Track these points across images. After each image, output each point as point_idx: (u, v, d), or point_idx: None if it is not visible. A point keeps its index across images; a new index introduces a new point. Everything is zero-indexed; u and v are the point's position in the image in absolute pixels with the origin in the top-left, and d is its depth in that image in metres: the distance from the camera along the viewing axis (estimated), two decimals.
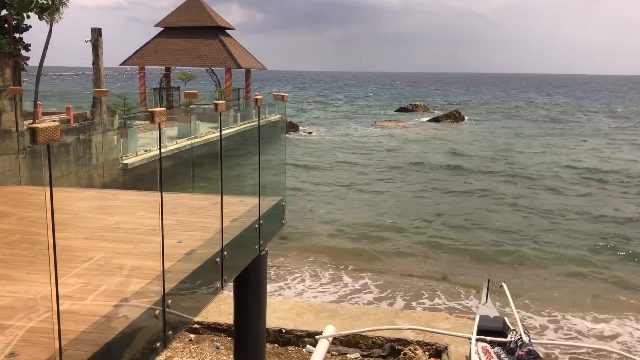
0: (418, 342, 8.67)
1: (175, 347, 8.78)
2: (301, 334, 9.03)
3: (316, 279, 13.85)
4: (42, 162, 9.93)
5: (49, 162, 2.76)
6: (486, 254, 15.86)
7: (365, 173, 28.92)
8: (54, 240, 2.84)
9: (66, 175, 18.09)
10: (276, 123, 39.44)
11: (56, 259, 2.89)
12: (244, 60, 39.61)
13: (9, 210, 6.48)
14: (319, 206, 21.44)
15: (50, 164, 2.77)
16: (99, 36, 19.25)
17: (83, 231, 5.74)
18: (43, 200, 7.28)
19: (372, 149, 37.43)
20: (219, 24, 40.03)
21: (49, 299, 3.90)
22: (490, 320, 6.99)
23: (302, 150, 36.17)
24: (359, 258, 15.40)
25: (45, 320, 3.59)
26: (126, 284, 4.31)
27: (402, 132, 48.84)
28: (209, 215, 6.14)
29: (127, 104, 24.39)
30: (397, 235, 17.55)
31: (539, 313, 11.70)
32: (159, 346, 3.99)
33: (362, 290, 13.12)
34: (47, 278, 4.29)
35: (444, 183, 26.19)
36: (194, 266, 4.68)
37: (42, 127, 2.61)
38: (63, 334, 3.39)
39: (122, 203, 7.15)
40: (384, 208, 21.16)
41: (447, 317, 9.59)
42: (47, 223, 2.78)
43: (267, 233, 6.37)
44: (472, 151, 36.35)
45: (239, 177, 7.36)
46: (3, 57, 14.24)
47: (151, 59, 39.02)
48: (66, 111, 26.45)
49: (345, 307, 10.12)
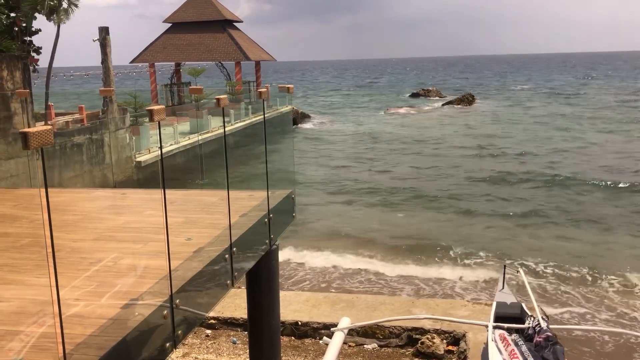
0: (435, 330, 8.60)
1: (192, 343, 8.80)
2: (317, 326, 9.00)
3: (333, 268, 13.81)
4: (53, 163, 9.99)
5: (43, 165, 2.71)
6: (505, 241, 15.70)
7: (378, 159, 28.77)
8: (52, 243, 2.80)
9: (80, 175, 18.19)
10: (287, 114, 39.41)
11: (55, 263, 2.85)
12: (253, 53, 39.49)
13: (19, 214, 6.49)
14: (335, 197, 21.35)
15: (45, 167, 2.72)
16: (107, 35, 19.26)
17: (92, 232, 5.72)
18: (55, 202, 7.31)
19: (385, 135, 37.23)
20: (227, 17, 39.91)
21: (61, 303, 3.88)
22: (507, 307, 6.88)
23: (315, 140, 36.07)
24: (376, 246, 15.32)
25: (53, 325, 3.57)
26: (135, 284, 4.28)
27: (416, 117, 48.53)
28: (218, 212, 6.09)
29: (138, 102, 24.41)
30: (412, 221, 17.45)
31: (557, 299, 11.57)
32: (169, 346, 3.95)
33: (378, 278, 13.05)
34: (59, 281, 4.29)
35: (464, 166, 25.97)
36: (203, 264, 4.64)
37: (34, 131, 2.56)
38: (70, 338, 3.37)
39: (132, 202, 7.13)
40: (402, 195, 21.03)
41: (464, 304, 9.49)
42: (44, 226, 2.74)
43: (278, 227, 6.31)
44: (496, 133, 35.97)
45: (252, 170, 7.31)
46: (12, 60, 14.31)
47: (161, 56, 39.06)
48: (79, 111, 26.60)
49: (362, 298, 10.05)
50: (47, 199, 2.72)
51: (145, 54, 39.29)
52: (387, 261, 14.08)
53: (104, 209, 6.93)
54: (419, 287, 12.46)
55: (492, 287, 11.34)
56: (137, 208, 6.72)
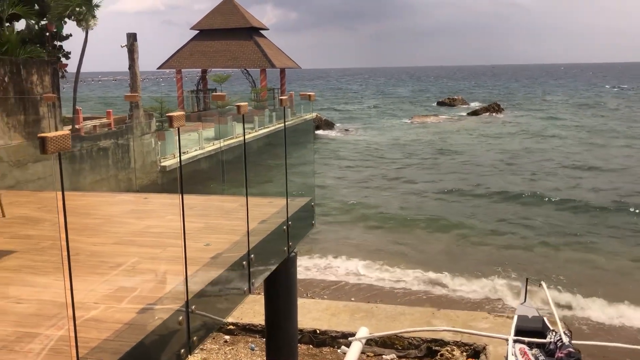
0: (455, 342, 8.48)
1: (210, 348, 8.81)
2: (336, 334, 8.94)
3: (353, 277, 13.75)
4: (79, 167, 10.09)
5: (60, 170, 2.73)
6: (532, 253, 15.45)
7: (403, 167, 28.61)
8: (67, 246, 2.82)
9: (106, 178, 18.43)
10: (309, 122, 39.46)
11: (70, 266, 2.86)
12: (279, 60, 39.71)
13: (43, 216, 6.57)
14: (358, 202, 21.29)
15: (62, 172, 2.74)
16: (134, 41, 19.54)
17: (113, 236, 5.77)
18: (77, 206, 7.38)
19: (410, 144, 37.02)
20: (253, 24, 40.22)
21: (77, 306, 3.90)
22: (529, 320, 6.76)
23: (338, 148, 36.04)
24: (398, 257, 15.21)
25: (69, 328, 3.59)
26: (151, 289, 4.29)
27: (441, 126, 48.19)
28: (237, 218, 6.10)
29: (164, 107, 24.72)
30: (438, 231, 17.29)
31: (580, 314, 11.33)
32: (184, 352, 3.94)
33: (399, 288, 12.94)
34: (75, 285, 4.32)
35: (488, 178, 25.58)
36: (221, 270, 4.63)
37: (52, 136, 2.58)
38: (85, 341, 3.38)
39: (153, 207, 7.19)
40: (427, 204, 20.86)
41: (485, 317, 9.35)
42: (59, 229, 2.75)
43: (296, 234, 6.29)
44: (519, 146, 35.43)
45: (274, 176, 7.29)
46: (42, 65, 14.57)
47: (187, 62, 39.50)
48: (106, 115, 27.01)
49: (381, 307, 9.97)
50: (64, 202, 2.74)
51: (173, 60, 39.77)
52: (408, 272, 13.94)
53: (126, 213, 7.00)
54: (439, 298, 12.32)
55: (514, 300, 11.16)
56: (159, 212, 6.76)
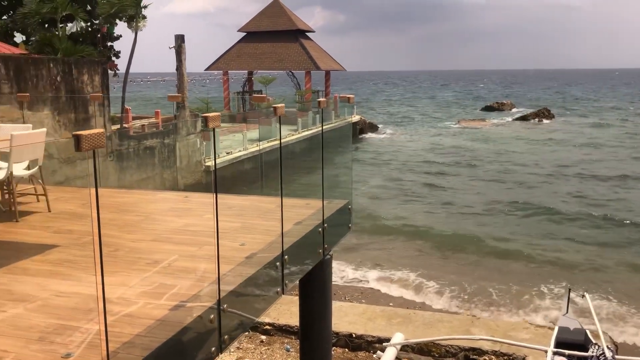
0: (494, 352, 8.29)
1: (246, 347, 8.88)
2: (372, 339, 8.87)
3: (390, 280, 13.63)
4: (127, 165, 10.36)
5: (95, 168, 2.79)
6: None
7: (446, 174, 28.23)
8: (100, 242, 2.88)
9: (152, 177, 18.84)
10: (348, 125, 39.40)
11: (102, 262, 2.93)
12: (324, 62, 39.83)
13: (86, 212, 6.75)
14: (403, 209, 21.07)
15: (96, 169, 2.80)
16: (182, 42, 19.92)
17: (151, 233, 5.88)
18: (120, 202, 7.55)
19: (455, 150, 36.47)
20: (300, 27, 40.49)
21: (111, 301, 4.00)
22: (570, 332, 6.54)
23: (382, 152, 35.83)
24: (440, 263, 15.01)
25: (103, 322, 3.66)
26: (185, 287, 4.34)
27: (488, 131, 47.34)
28: (273, 218, 6.12)
29: (210, 108, 25.13)
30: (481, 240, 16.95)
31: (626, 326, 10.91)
32: (215, 351, 3.98)
33: (438, 295, 12.75)
34: (112, 280, 4.42)
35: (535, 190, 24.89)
36: (254, 270, 4.66)
37: (87, 134, 2.64)
38: (118, 336, 3.45)
39: (193, 205, 7.29)
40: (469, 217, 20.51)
41: (526, 327, 9.11)
42: (92, 225, 2.81)
43: (332, 237, 6.27)
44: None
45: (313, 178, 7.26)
46: (93, 65, 15.02)
47: (234, 64, 40.06)
48: (155, 115, 27.66)
49: (419, 314, 9.84)
50: (97, 198, 2.80)
51: (220, 61, 40.40)
52: (449, 278, 13.74)
53: (166, 210, 7.12)
54: (479, 306, 12.08)
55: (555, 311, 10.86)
56: (198, 211, 6.85)
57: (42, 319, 3.77)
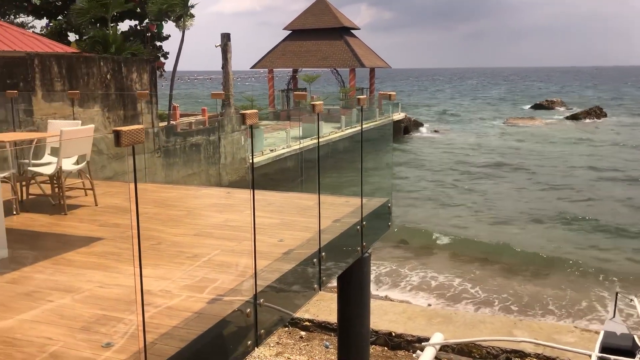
0: (537, 355, 8.12)
1: (285, 343, 8.95)
2: (411, 338, 8.81)
3: (432, 280, 13.49)
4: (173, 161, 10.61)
5: (134, 163, 2.87)
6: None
7: (493, 176, 27.73)
8: (138, 236, 2.96)
9: (197, 173, 19.19)
10: (399, 122, 39.09)
11: (140, 255, 3.01)
12: (368, 60, 39.68)
13: (131, 207, 6.94)
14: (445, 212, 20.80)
15: (135, 164, 2.88)
16: (228, 41, 20.17)
17: (193, 228, 6.00)
18: (164, 197, 7.72)
19: (503, 150, 35.72)
20: (344, 24, 40.45)
21: (154, 293, 4.11)
22: (617, 338, 6.33)
23: (427, 151, 35.45)
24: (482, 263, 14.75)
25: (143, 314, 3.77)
26: (223, 281, 4.41)
27: (538, 130, 46.18)
28: (312, 215, 6.14)
29: (254, 106, 25.40)
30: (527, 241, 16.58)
31: None
32: (251, 344, 4.03)
33: (479, 295, 12.56)
34: (154, 272, 4.54)
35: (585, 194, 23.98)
36: (291, 265, 4.70)
37: (126, 130, 2.72)
38: (156, 327, 3.54)
39: (234, 201, 7.40)
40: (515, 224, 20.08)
41: (571, 330, 8.88)
42: (131, 219, 2.90)
43: (371, 235, 6.26)
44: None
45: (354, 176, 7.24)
46: (142, 63, 15.39)
47: (279, 62, 40.35)
48: (202, 113, 28.13)
49: (460, 314, 9.72)
50: (136, 193, 2.88)
51: (265, 60, 40.76)
52: (492, 279, 13.51)
53: (208, 206, 7.25)
54: (522, 308, 11.84)
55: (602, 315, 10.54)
56: (239, 207, 6.94)
57: (86, 309, 3.91)
